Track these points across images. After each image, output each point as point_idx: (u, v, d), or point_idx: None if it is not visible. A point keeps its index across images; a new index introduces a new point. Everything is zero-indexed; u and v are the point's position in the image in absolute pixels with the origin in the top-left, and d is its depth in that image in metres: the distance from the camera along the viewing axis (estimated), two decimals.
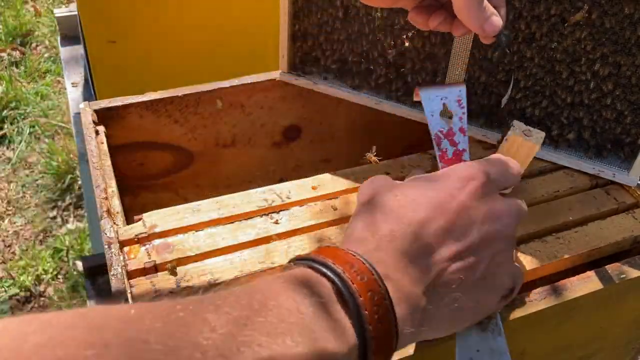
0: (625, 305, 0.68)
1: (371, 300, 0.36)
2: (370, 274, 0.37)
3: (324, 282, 0.37)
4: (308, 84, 0.84)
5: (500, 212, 0.46)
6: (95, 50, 1.12)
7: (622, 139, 0.73)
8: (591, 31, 0.69)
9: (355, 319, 0.36)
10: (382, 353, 0.37)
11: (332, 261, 0.37)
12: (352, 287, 0.36)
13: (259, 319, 0.32)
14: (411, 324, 0.39)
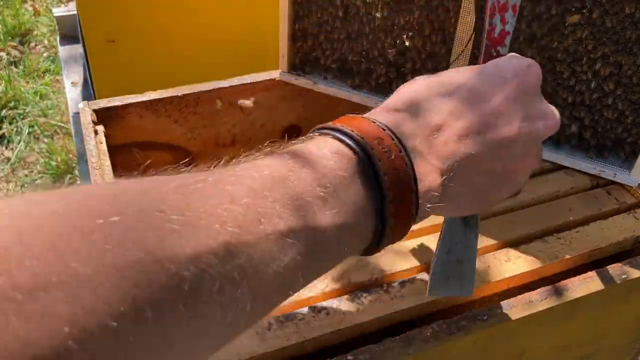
0: (627, 305, 0.68)
1: (396, 178, 0.35)
2: (397, 150, 0.36)
3: (350, 155, 0.35)
4: (308, 83, 0.84)
5: (546, 111, 0.45)
6: (94, 49, 1.12)
7: (623, 139, 0.73)
8: (592, 31, 0.69)
9: (376, 196, 0.34)
10: (399, 231, 0.36)
11: (360, 134, 0.35)
12: (378, 165, 0.34)
13: (279, 190, 0.31)
14: (434, 200, 0.38)
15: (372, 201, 0.35)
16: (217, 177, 0.31)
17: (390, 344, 0.53)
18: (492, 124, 0.41)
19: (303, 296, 0.58)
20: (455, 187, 0.40)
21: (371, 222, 0.35)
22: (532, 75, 0.44)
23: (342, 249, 0.34)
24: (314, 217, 0.31)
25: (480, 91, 0.41)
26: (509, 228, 0.67)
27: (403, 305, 0.58)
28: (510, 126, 0.41)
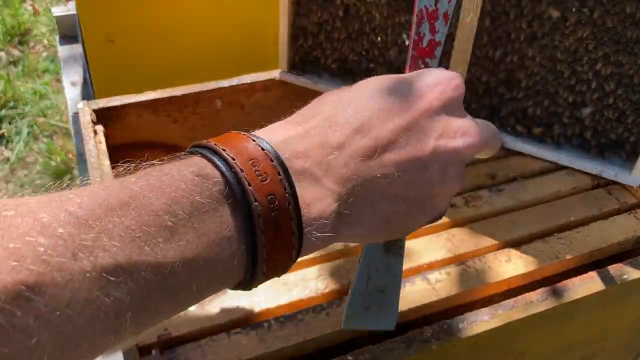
0: (627, 305, 0.68)
1: (268, 205, 0.30)
2: (275, 172, 0.31)
3: (216, 179, 0.30)
4: (308, 83, 0.84)
5: (467, 128, 0.40)
6: (93, 49, 1.12)
7: (624, 139, 0.73)
8: (593, 30, 0.68)
9: (245, 225, 0.30)
10: (276, 264, 0.32)
11: (233, 154, 0.31)
12: (248, 190, 0.30)
13: (111, 219, 0.26)
14: (324, 228, 0.34)
15: (241, 231, 0.30)
16: (37, 202, 0.26)
17: (390, 344, 0.53)
18: (402, 142, 0.36)
19: (303, 297, 0.57)
20: (359, 214, 0.36)
21: (240, 255, 0.31)
22: (453, 88, 0.40)
23: (199, 285, 0.29)
24: (154, 250, 0.27)
25: (393, 105, 0.37)
26: (510, 228, 0.67)
27: (403, 306, 0.57)
28: (423, 144, 0.37)
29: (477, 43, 0.74)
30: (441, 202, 0.40)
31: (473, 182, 0.73)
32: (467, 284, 0.60)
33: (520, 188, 0.72)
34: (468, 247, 0.64)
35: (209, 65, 1.10)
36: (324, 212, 0.33)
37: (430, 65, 0.45)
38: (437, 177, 0.38)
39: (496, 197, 0.71)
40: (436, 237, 0.65)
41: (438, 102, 0.39)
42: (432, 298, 0.58)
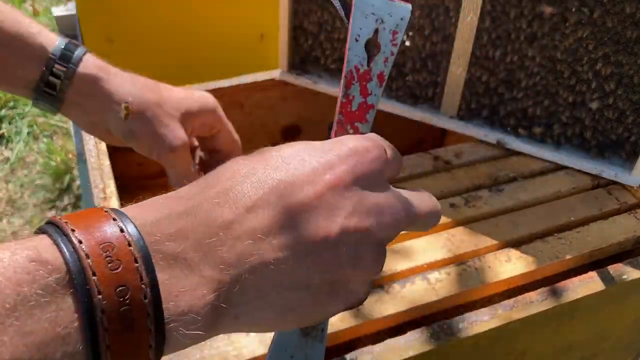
0: (627, 305, 0.68)
1: (116, 299, 0.26)
2: (131, 260, 0.27)
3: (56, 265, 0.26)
4: (308, 83, 0.84)
5: (384, 206, 0.34)
6: (93, 49, 1.11)
7: (624, 139, 0.73)
8: (593, 30, 0.68)
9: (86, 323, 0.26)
10: None
11: (81, 234, 0.27)
12: (92, 280, 0.26)
13: None
14: (196, 323, 0.29)
15: (80, 330, 0.26)
16: None
17: (390, 344, 0.53)
18: (302, 221, 0.31)
19: None
20: (248, 305, 0.31)
21: (80, 356, 0.26)
22: (371, 160, 0.35)
23: None
24: None
25: (297, 179, 0.32)
26: (510, 228, 0.67)
27: (403, 306, 0.57)
28: (329, 224, 0.32)
29: (477, 43, 0.74)
30: (358, 287, 0.35)
31: (473, 182, 0.73)
32: (467, 284, 0.60)
33: (520, 188, 0.72)
34: (468, 247, 0.64)
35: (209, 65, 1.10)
36: (194, 305, 0.28)
37: (361, 130, 0.41)
38: (347, 260, 0.33)
39: (496, 197, 0.71)
40: (436, 237, 0.65)
41: (350, 176, 0.33)
42: (432, 298, 0.58)
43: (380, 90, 0.41)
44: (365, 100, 0.41)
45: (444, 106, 0.80)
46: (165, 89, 0.61)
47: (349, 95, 0.40)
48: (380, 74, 0.40)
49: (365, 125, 0.41)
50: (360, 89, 0.40)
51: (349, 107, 0.41)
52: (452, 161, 0.76)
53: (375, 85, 0.40)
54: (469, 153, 0.77)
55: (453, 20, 0.74)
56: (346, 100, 0.40)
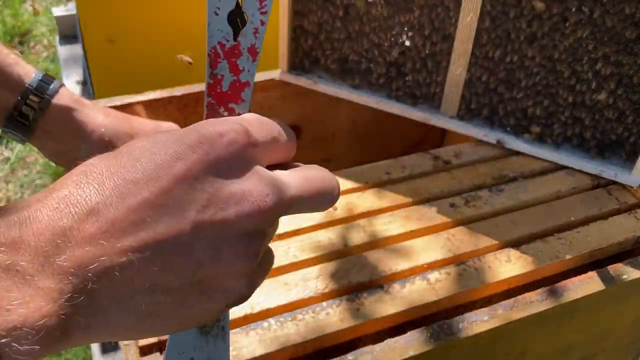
0: (627, 305, 0.68)
1: None
2: None
3: None
4: (308, 83, 0.84)
5: (246, 193, 0.31)
6: (93, 49, 1.12)
7: (624, 139, 0.73)
8: (593, 30, 0.68)
9: None
10: None
11: None
12: None
13: None
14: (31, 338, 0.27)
15: None
16: None
17: (390, 344, 0.53)
18: (149, 220, 0.29)
19: (303, 297, 0.57)
20: (99, 314, 0.29)
21: None
22: (226, 145, 0.32)
23: None
24: None
25: (142, 175, 0.30)
26: (510, 228, 0.67)
27: (403, 306, 0.57)
28: (179, 220, 0.30)
29: (476, 43, 0.74)
30: (234, 284, 0.32)
31: (473, 182, 0.73)
32: (467, 284, 0.60)
33: (520, 188, 0.72)
34: (468, 247, 0.64)
35: None
36: (28, 319, 0.26)
37: (237, 111, 0.37)
38: (206, 257, 0.31)
39: (496, 197, 0.71)
40: (436, 237, 0.65)
41: (200, 166, 0.31)
42: (432, 298, 0.59)
43: (255, 65, 0.37)
44: (238, 78, 0.37)
45: (443, 106, 0.80)
46: (136, 121, 0.63)
47: (216, 75, 0.36)
48: (252, 48, 0.36)
49: (241, 105, 0.37)
50: (230, 67, 0.36)
51: (219, 87, 0.37)
52: (452, 161, 0.76)
53: (246, 60, 0.36)
54: (469, 153, 0.77)
55: (453, 20, 0.74)
56: (214, 81, 0.37)
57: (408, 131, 0.85)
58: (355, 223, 0.66)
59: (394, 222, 0.66)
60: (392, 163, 0.75)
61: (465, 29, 0.73)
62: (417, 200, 0.70)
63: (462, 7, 0.72)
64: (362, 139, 0.95)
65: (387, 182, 0.72)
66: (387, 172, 0.73)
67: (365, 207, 0.68)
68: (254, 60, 0.37)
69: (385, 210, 0.68)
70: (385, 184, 0.72)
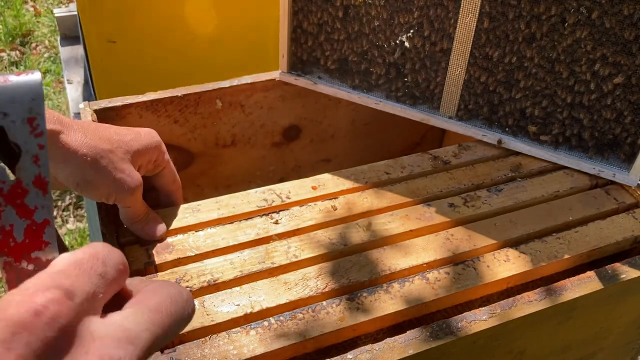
0: (625, 305, 0.68)
1: None
2: None
3: None
4: (308, 84, 0.84)
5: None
6: (95, 50, 1.12)
7: (622, 139, 0.73)
8: (591, 31, 0.69)
9: None
10: None
11: None
12: None
13: None
14: None
15: None
16: None
17: (390, 343, 0.54)
18: None
19: (303, 296, 0.58)
20: None
21: None
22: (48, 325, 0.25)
23: None
24: None
25: None
26: (509, 228, 0.67)
27: (402, 305, 0.58)
28: None
29: (475, 43, 0.75)
30: None
31: (472, 182, 0.73)
32: (466, 283, 0.61)
33: (519, 188, 0.72)
34: (467, 247, 0.64)
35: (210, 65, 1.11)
36: None
37: (45, 259, 0.30)
38: None
39: (495, 197, 0.71)
40: (435, 237, 0.65)
41: None
42: (431, 297, 0.59)
43: (48, 197, 0.30)
44: (32, 220, 0.30)
45: (443, 106, 0.80)
46: (115, 133, 0.62)
47: (3, 228, 0.29)
48: (38, 179, 0.30)
49: (48, 250, 0.30)
50: (17, 211, 0.29)
51: (12, 240, 0.30)
52: (452, 161, 0.76)
53: (36, 196, 0.30)
54: (468, 153, 0.78)
55: (452, 21, 0.74)
56: (3, 235, 0.29)
57: (407, 131, 0.86)
58: (354, 223, 0.66)
59: (394, 222, 0.67)
60: (392, 163, 0.75)
61: (464, 29, 0.74)
62: (416, 200, 0.70)
63: (461, 7, 0.73)
64: (362, 139, 0.95)
65: (386, 182, 0.73)
66: (387, 172, 0.74)
67: (365, 207, 0.68)
68: (46, 193, 0.30)
69: (384, 209, 0.69)
70: (385, 184, 0.72)
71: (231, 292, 0.58)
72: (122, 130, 0.63)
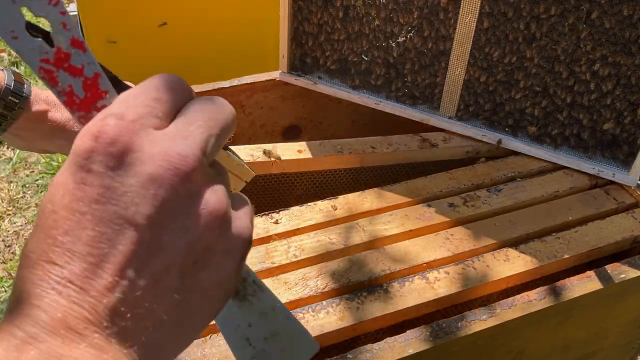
0: (625, 304, 0.68)
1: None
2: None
3: None
4: (308, 84, 0.84)
5: None
6: (94, 50, 1.12)
7: (622, 139, 0.73)
8: (591, 31, 0.69)
9: None
10: None
11: None
12: None
13: None
14: None
15: None
16: None
17: (390, 343, 0.54)
18: None
19: (303, 295, 0.58)
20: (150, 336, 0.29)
21: None
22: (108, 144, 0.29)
23: None
24: None
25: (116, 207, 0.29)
26: (508, 228, 0.67)
27: (402, 304, 0.58)
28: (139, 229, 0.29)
29: (475, 44, 0.75)
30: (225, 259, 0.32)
31: (472, 182, 0.73)
32: (466, 283, 0.61)
33: (519, 188, 0.72)
34: (467, 247, 0.64)
35: (210, 65, 1.11)
36: None
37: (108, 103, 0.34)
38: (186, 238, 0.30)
39: (495, 196, 0.71)
40: (435, 237, 0.65)
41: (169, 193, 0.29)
42: (431, 297, 0.59)
43: (89, 54, 0.34)
44: (84, 76, 0.34)
45: (442, 107, 0.80)
46: None
47: (64, 90, 0.34)
48: (73, 41, 0.34)
49: (108, 97, 0.34)
50: (69, 73, 0.34)
51: (76, 98, 0.34)
52: (439, 144, 0.78)
53: (78, 55, 0.34)
54: (458, 139, 0.79)
55: (452, 21, 0.74)
56: (67, 96, 0.34)
57: (407, 131, 0.86)
58: (354, 223, 0.66)
59: (393, 222, 0.67)
60: (380, 139, 0.77)
61: (463, 30, 0.74)
62: (416, 200, 0.70)
63: (460, 8, 0.73)
64: None
65: (371, 155, 0.75)
66: (373, 147, 0.76)
67: (365, 207, 0.68)
68: (85, 51, 0.34)
69: (384, 210, 0.69)
70: (370, 157, 0.75)
71: None
72: None
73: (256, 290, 0.39)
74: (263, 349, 0.39)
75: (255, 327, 0.39)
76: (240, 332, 0.38)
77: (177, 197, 0.29)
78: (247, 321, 0.38)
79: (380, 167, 0.77)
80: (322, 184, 0.77)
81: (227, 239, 0.31)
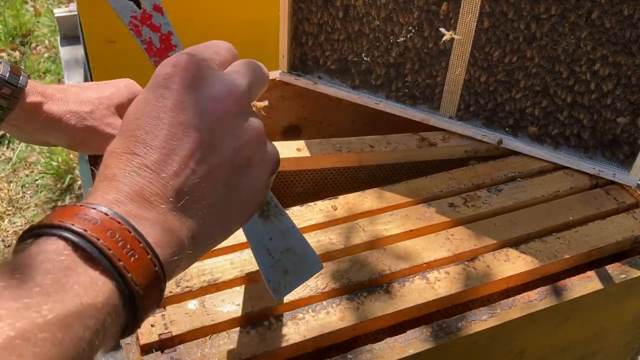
0: (625, 305, 0.68)
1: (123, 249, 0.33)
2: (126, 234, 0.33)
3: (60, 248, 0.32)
4: (308, 84, 0.84)
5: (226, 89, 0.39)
6: (95, 50, 1.12)
7: (622, 139, 0.73)
8: (591, 31, 0.69)
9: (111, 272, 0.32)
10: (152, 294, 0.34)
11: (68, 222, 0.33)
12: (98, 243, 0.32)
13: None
14: (177, 260, 0.36)
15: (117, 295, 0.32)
16: None
17: (390, 343, 0.54)
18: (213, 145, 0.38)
19: (303, 296, 0.58)
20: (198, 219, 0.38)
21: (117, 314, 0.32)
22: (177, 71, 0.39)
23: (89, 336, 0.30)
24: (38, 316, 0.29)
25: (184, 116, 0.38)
26: (509, 227, 0.67)
27: (402, 305, 0.58)
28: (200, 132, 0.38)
29: (475, 44, 0.75)
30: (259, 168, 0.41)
31: (472, 182, 0.73)
32: (466, 283, 0.61)
33: (519, 188, 0.72)
34: (467, 247, 0.64)
35: None
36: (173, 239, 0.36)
37: None
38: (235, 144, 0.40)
39: (495, 196, 0.71)
40: (435, 237, 0.65)
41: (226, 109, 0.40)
42: (431, 297, 0.59)
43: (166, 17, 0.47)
44: (161, 32, 0.47)
45: (443, 107, 0.80)
46: (95, 92, 0.66)
47: (145, 40, 0.47)
48: (155, 6, 0.47)
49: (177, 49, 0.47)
50: (150, 28, 0.46)
51: (154, 47, 0.47)
52: (438, 143, 0.78)
53: (158, 17, 0.47)
54: (457, 138, 0.78)
55: (452, 21, 0.74)
56: (147, 45, 0.47)
57: (407, 131, 0.86)
58: (355, 223, 0.66)
59: (394, 222, 0.67)
60: (379, 138, 0.77)
61: (464, 29, 0.74)
62: (416, 200, 0.70)
63: (461, 7, 0.73)
64: None
65: (369, 154, 0.76)
66: (371, 145, 0.76)
67: (365, 207, 0.68)
68: (163, 14, 0.47)
69: (384, 210, 0.69)
70: (368, 156, 0.76)
71: (231, 292, 0.58)
72: (102, 85, 0.68)
73: (277, 213, 0.48)
74: (280, 259, 0.49)
75: (275, 241, 0.48)
76: (263, 243, 0.48)
77: (230, 112, 0.39)
78: (269, 235, 0.48)
79: (379, 165, 0.77)
80: (321, 182, 0.77)
81: (263, 153, 0.41)
